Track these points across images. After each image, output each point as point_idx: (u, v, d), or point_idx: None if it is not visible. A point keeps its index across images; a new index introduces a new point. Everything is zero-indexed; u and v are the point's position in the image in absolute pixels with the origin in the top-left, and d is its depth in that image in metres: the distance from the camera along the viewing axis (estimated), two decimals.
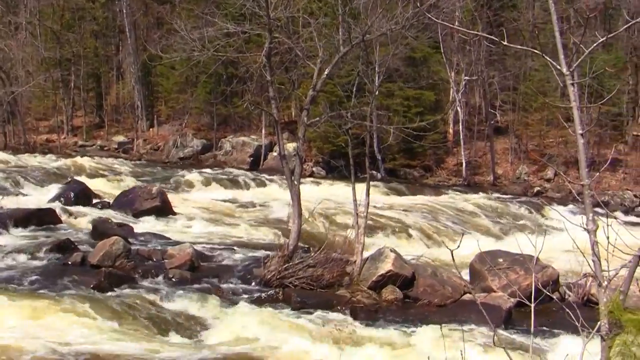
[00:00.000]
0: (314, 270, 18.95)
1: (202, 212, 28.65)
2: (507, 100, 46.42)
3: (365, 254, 19.74)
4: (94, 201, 28.49)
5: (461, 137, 43.07)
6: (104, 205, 27.78)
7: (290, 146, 36.54)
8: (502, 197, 37.56)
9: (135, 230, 23.81)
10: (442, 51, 43.64)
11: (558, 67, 5.31)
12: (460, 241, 6.16)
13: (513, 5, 46.94)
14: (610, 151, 42.88)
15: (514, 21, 44.22)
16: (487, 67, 44.12)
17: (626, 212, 35.80)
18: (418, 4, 16.72)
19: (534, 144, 44.82)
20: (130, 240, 21.62)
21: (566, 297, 19.70)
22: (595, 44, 5.85)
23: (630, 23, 5.72)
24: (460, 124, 43.70)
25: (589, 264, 5.12)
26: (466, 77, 43.99)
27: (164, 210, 27.30)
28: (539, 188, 40.95)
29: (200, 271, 19.80)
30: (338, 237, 22.31)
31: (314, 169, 43.07)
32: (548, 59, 5.45)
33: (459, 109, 44.26)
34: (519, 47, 7.68)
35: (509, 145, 44.79)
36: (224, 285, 18.84)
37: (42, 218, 23.77)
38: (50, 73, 53.75)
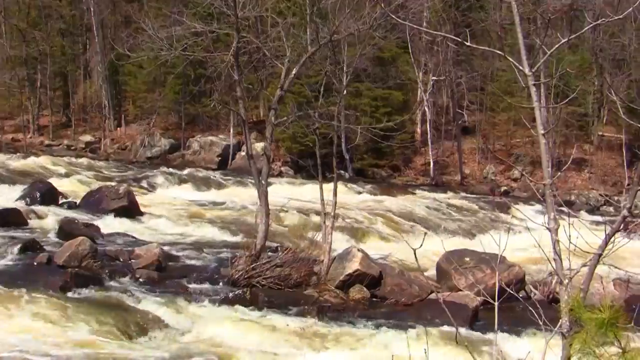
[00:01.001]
0: (281, 270, 18.96)
1: (169, 212, 28.51)
2: (474, 101, 46.70)
3: (333, 254, 19.79)
4: (61, 201, 28.23)
5: (429, 137, 43.25)
6: (71, 205, 27.55)
7: (259, 146, 36.47)
8: (470, 197, 37.77)
9: (102, 231, 23.64)
10: (410, 51, 43.76)
11: (521, 68, 5.36)
12: (423, 240, 6.18)
13: (481, 6, 47.15)
14: (576, 151, 43.28)
15: (481, 22, 44.43)
16: (454, 68, 44.33)
17: (591, 211, 36.10)
18: (381, 5, 16.73)
19: (501, 144, 45.13)
20: (97, 240, 21.49)
21: (532, 295, 19.88)
22: (557, 45, 5.91)
23: (592, 25, 5.79)
24: (428, 124, 43.88)
25: (550, 263, 5.17)
26: (434, 78, 44.18)
27: (131, 210, 27.13)
28: (506, 187, 41.25)
29: (167, 271, 19.74)
30: (306, 237, 22.35)
31: (282, 168, 43.06)
32: (511, 59, 5.50)
33: (426, 109, 44.44)
34: (482, 47, 7.76)
35: (476, 145, 45.05)
36: (191, 285, 18.79)
37: (6, 218, 23.51)
38: (16, 71, 53.26)
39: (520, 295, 18.71)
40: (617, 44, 43.65)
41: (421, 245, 5.28)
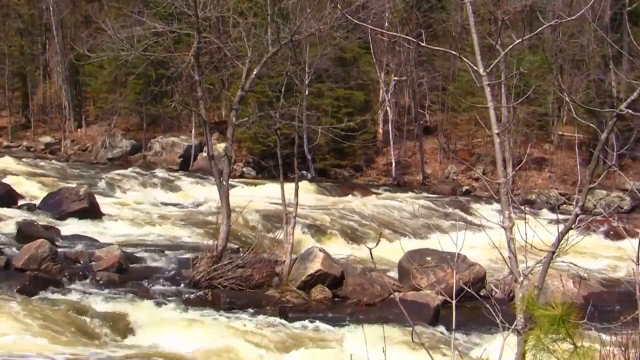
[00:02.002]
0: (243, 271, 18.95)
1: (130, 213, 28.37)
2: (436, 101, 46.93)
3: (295, 254, 19.80)
4: (19, 203, 27.98)
5: (391, 137, 43.36)
6: (30, 207, 27.28)
7: (221, 146, 36.34)
8: (431, 197, 37.96)
9: (62, 233, 23.46)
10: (372, 52, 43.85)
11: (476, 68, 5.41)
12: (379, 240, 6.24)
13: (442, 7, 47.40)
14: (536, 150, 43.66)
15: (443, 23, 44.66)
16: (416, 68, 44.53)
17: (552, 210, 36.41)
18: (339, 8, 16.76)
19: (463, 144, 45.37)
20: (56, 242, 21.31)
21: (493, 294, 20.04)
22: (510, 46, 5.97)
23: (545, 26, 5.84)
24: (390, 124, 43.99)
25: (505, 261, 5.23)
26: (396, 78, 44.32)
27: (91, 211, 26.93)
28: (467, 187, 41.47)
29: (128, 273, 19.63)
30: (267, 237, 22.35)
31: (244, 169, 42.96)
32: (466, 60, 5.55)
33: (388, 109, 44.56)
34: (437, 48, 7.81)
35: (438, 145, 45.25)
36: (153, 287, 18.73)
37: None
38: None
39: (482, 294, 18.86)
40: (576, 44, 44.07)
41: (377, 244, 5.31)
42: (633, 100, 5.32)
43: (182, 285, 18.93)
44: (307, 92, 21.76)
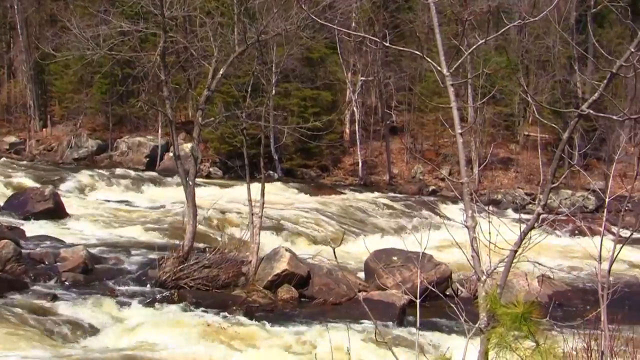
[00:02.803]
0: (209, 271, 18.91)
1: (96, 213, 28.21)
2: (402, 101, 47.06)
3: (261, 254, 19.79)
4: None
5: (357, 137, 43.43)
6: None
7: (187, 147, 36.24)
8: (398, 196, 38.06)
9: (27, 233, 23.26)
10: (339, 52, 43.90)
11: (439, 68, 5.44)
12: (342, 239, 6.25)
13: (409, 7, 47.53)
14: (502, 150, 43.94)
15: (409, 23, 44.79)
16: (383, 68, 44.62)
17: (517, 209, 36.64)
18: (304, 9, 16.77)
19: (429, 144, 45.53)
20: (21, 243, 21.11)
21: (459, 292, 20.17)
22: (474, 46, 6.02)
23: (510, 26, 5.89)
24: (357, 124, 44.06)
25: (468, 260, 5.26)
26: (362, 78, 44.40)
27: (57, 212, 26.74)
28: (434, 187, 41.62)
29: (94, 274, 19.55)
30: (234, 238, 22.31)
31: (210, 169, 42.81)
32: (429, 60, 5.57)
33: (355, 109, 44.62)
34: (401, 48, 7.83)
35: (404, 145, 45.36)
36: (118, 288, 18.65)
37: None
38: None
39: (447, 293, 18.98)
40: (542, 45, 44.43)
41: (340, 244, 5.32)
42: (595, 100, 5.36)
43: (148, 285, 18.87)
44: (274, 92, 21.78)
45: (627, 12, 32.75)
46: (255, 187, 20.03)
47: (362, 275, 20.78)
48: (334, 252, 4.98)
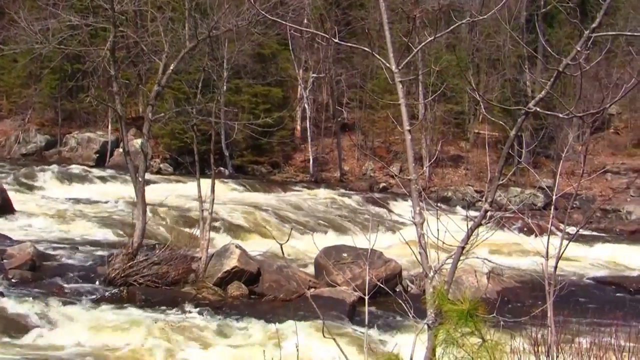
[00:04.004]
0: (159, 268, 18.80)
1: (45, 209, 27.86)
2: (354, 98, 47.18)
3: (211, 251, 19.72)
4: None
5: (309, 133, 43.45)
6: None
7: (137, 142, 35.97)
8: (349, 193, 38.12)
9: None
10: (290, 48, 43.88)
11: (388, 65, 5.45)
12: (289, 236, 6.23)
13: (361, 4, 47.66)
14: (453, 148, 44.25)
15: (361, 20, 44.90)
16: (334, 65, 44.69)
17: (467, 206, 36.90)
18: (255, 6, 16.74)
19: (380, 141, 45.66)
20: None
21: (408, 289, 20.29)
22: (422, 44, 6.03)
23: (458, 24, 5.92)
24: (308, 120, 44.07)
25: (415, 257, 5.28)
26: (314, 75, 44.42)
27: (3, 208, 26.36)
28: (384, 184, 41.78)
29: (41, 271, 19.30)
30: (184, 234, 22.21)
31: (161, 165, 42.55)
32: (378, 56, 5.59)
33: (306, 105, 44.63)
34: (350, 44, 7.83)
35: (355, 142, 45.45)
36: (67, 285, 18.43)
37: None
38: None
39: (397, 290, 19.07)
40: (493, 44, 44.82)
41: (287, 240, 5.31)
42: (542, 98, 5.41)
43: (97, 282, 18.70)
44: (225, 88, 21.70)
45: (575, 12, 33.25)
46: (206, 183, 19.94)
47: (313, 272, 20.81)
48: (282, 249, 4.96)
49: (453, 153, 44.14)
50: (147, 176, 22.24)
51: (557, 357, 7.51)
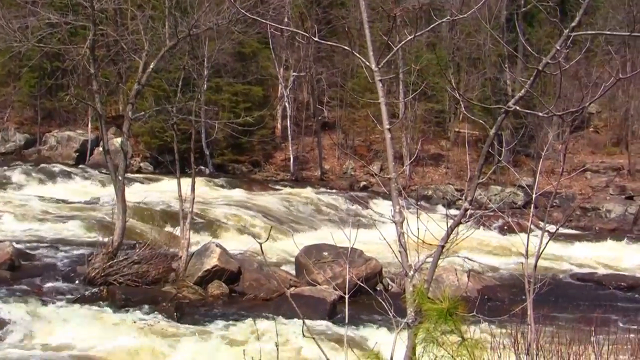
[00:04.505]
0: (139, 267, 18.76)
1: (24, 209, 27.67)
2: (334, 97, 47.15)
3: (192, 250, 19.69)
4: None
5: (289, 132, 43.39)
6: None
7: (117, 141, 35.81)
8: (329, 192, 38.12)
9: None
10: (271, 47, 43.83)
11: (368, 63, 5.44)
12: (269, 235, 6.22)
13: (341, 3, 47.67)
14: (433, 146, 44.33)
15: (342, 19, 44.92)
16: (315, 64, 44.65)
17: (447, 205, 36.97)
18: (235, 5, 16.72)
19: (361, 140, 45.69)
20: None
21: (389, 288, 20.31)
22: (402, 42, 6.03)
23: (438, 22, 5.92)
24: (289, 119, 44.02)
25: (395, 255, 5.28)
26: (294, 73, 44.38)
27: None
28: (365, 183, 41.77)
29: (21, 270, 19.24)
30: (164, 233, 22.15)
31: (141, 164, 42.38)
32: (358, 55, 5.58)
33: (287, 104, 44.58)
34: (330, 43, 7.83)
35: (336, 140, 45.46)
36: (46, 285, 18.36)
37: None
38: None
39: (378, 288, 19.09)
40: (473, 43, 44.94)
41: (267, 239, 5.30)
42: (521, 97, 5.42)
43: (77, 282, 18.63)
44: (205, 86, 21.64)
45: (555, 11, 33.36)
46: (186, 182, 19.90)
47: (291, 270, 20.81)
48: (261, 248, 4.95)
49: (433, 152, 44.21)
50: (127, 175, 22.18)
51: (537, 354, 7.53)
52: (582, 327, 11.93)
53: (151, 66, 19.87)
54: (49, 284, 18.39)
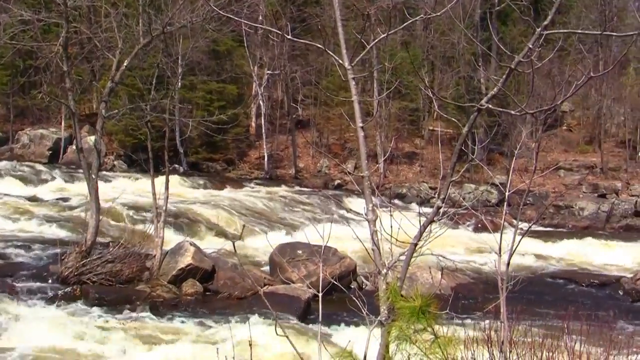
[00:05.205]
0: (112, 266, 18.68)
1: None
2: (309, 95, 47.14)
3: (165, 248, 19.63)
4: None
5: (263, 130, 43.37)
6: None
7: (91, 139, 35.62)
8: (304, 190, 38.12)
9: None
10: (245, 45, 43.78)
11: (341, 62, 5.44)
12: (242, 232, 6.22)
13: (316, 1, 47.66)
14: (407, 145, 44.44)
15: (316, 17, 44.91)
16: (289, 62, 44.63)
17: (420, 203, 37.05)
18: (209, 4, 16.68)
19: (335, 138, 45.74)
20: None
21: (363, 286, 20.33)
22: (375, 40, 6.04)
23: (411, 20, 5.95)
24: (263, 117, 44.00)
25: (368, 253, 5.28)
26: (269, 71, 44.38)
27: None
28: (339, 181, 41.79)
29: None
30: (137, 232, 22.03)
31: (115, 162, 42.20)
32: (331, 53, 5.58)
33: (261, 102, 44.56)
34: (303, 41, 7.85)
35: (310, 139, 45.48)
36: (18, 284, 18.20)
37: None
38: None
39: (352, 286, 19.11)
40: (448, 42, 45.08)
41: (240, 237, 5.29)
42: (493, 95, 5.43)
43: (50, 281, 18.50)
44: (179, 84, 21.57)
45: (529, 10, 33.53)
46: (160, 180, 19.83)
47: (265, 268, 20.80)
48: (234, 246, 4.95)
49: (408, 150, 44.35)
50: (101, 173, 22.08)
51: (510, 352, 7.57)
52: (555, 323, 12.00)
53: (125, 64, 19.78)
54: (22, 284, 18.24)
